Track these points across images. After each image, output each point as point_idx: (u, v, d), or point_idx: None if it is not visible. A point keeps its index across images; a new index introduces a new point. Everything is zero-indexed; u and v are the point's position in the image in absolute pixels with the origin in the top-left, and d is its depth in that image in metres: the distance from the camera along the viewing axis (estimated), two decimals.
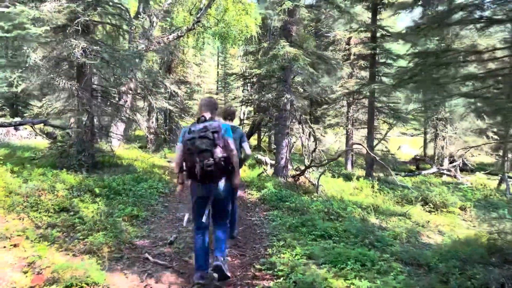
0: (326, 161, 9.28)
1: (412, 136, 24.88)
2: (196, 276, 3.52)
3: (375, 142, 14.97)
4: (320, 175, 8.28)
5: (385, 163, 11.68)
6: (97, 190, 6.65)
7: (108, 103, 9.24)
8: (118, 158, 12.39)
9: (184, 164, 3.52)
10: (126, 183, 7.43)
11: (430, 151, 23.77)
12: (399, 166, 16.18)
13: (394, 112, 11.69)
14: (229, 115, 5.10)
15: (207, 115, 3.64)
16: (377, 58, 11.85)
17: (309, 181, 9.39)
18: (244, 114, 28.56)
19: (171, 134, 21.36)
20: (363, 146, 8.07)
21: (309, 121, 10.06)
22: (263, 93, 22.25)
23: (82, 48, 7.36)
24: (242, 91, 26.05)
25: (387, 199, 9.64)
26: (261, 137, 24.28)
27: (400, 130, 21.86)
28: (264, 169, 9.94)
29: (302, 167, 10.13)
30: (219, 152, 3.38)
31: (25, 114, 20.11)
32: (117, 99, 13.46)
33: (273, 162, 11.72)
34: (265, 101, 10.61)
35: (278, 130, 9.18)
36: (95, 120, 9.68)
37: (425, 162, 17.63)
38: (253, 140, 23.35)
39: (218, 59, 38.03)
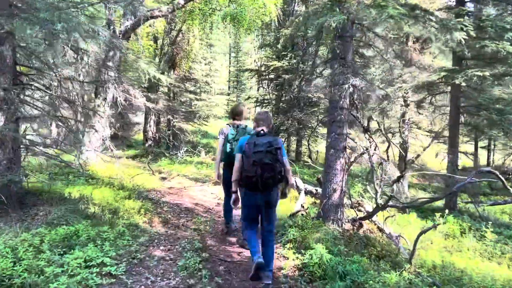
0: (418, 200, 5.23)
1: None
2: (256, 258, 3.72)
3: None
4: (419, 236, 4.28)
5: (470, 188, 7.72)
6: None
7: (42, 95, 5.39)
8: (90, 177, 8.66)
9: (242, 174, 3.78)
10: (35, 254, 3.59)
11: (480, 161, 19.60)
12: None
13: (501, 116, 7.36)
14: (237, 114, 4.94)
15: (265, 129, 3.92)
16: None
17: (380, 229, 5.46)
18: None
19: (174, 140, 17.53)
20: (497, 175, 4.17)
21: (384, 130, 5.98)
22: (284, 90, 18.31)
23: None
24: (257, 90, 22.03)
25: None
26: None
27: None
28: (303, 206, 5.99)
29: (363, 201, 6.20)
30: (278, 166, 3.68)
31: None
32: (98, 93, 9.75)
33: (309, 187, 7.79)
34: (313, 90, 6.78)
35: (329, 143, 5.26)
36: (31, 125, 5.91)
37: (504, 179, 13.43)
38: None
39: (230, 57, 34.28)
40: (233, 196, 3.98)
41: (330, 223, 5.34)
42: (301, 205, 5.91)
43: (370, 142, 5.16)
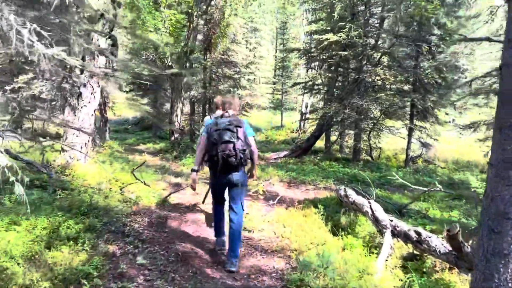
0: None
1: None
2: (218, 242, 4.09)
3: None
4: None
5: None
6: None
7: None
8: (62, 188, 5.80)
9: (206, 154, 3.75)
10: None
11: None
12: None
13: None
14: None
15: (230, 111, 3.87)
16: None
17: None
18: (306, 106, 21.07)
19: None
20: None
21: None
22: (338, 72, 14.64)
23: None
24: (306, 72, 18.33)
25: None
26: (334, 140, 16.38)
27: None
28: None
29: None
30: (239, 145, 3.60)
31: None
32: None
33: (402, 225, 4.27)
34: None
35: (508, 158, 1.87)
36: None
37: None
38: (320, 143, 15.81)
39: (276, 42, 30.88)
40: (192, 174, 3.92)
41: None
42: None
43: None
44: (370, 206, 4.59)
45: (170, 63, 12.40)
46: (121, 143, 15.26)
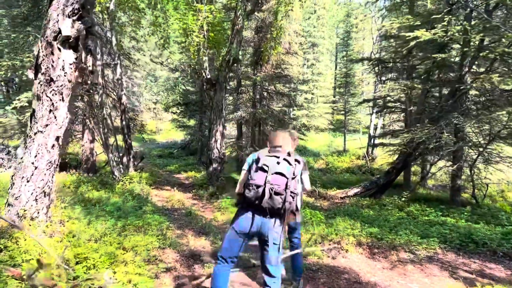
0: None
1: None
2: None
3: None
4: None
5: None
6: None
7: None
8: None
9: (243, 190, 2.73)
10: None
11: None
12: None
13: None
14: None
15: (287, 148, 2.85)
16: None
17: None
18: (375, 128, 17.39)
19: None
20: None
21: None
22: (427, 83, 10.81)
23: None
24: (382, 83, 14.46)
25: None
26: (424, 173, 12.40)
27: None
28: None
29: None
30: (293, 185, 2.60)
31: None
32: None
33: None
34: None
35: None
36: None
37: None
38: (400, 179, 12.02)
39: (336, 58, 27.62)
40: None
41: None
42: None
43: None
44: None
45: (208, 76, 9.75)
46: (155, 172, 12.84)
